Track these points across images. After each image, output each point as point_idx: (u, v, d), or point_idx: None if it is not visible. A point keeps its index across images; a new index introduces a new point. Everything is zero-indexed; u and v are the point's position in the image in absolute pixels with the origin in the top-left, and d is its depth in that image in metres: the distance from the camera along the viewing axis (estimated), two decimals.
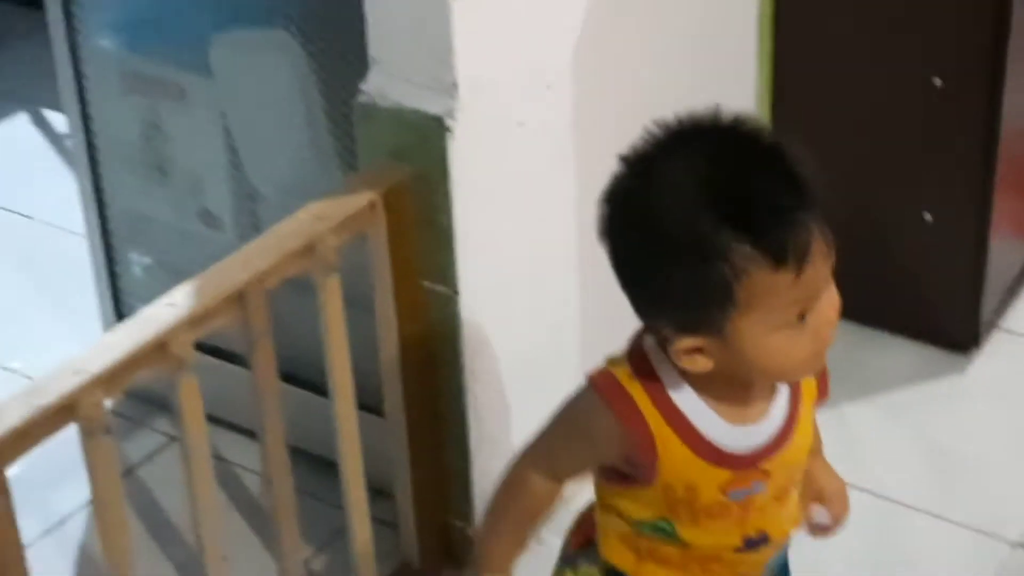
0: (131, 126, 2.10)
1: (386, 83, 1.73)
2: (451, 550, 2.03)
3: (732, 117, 1.29)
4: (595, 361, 2.12)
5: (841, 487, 1.53)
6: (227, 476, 2.17)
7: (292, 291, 1.78)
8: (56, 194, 2.58)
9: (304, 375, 2.02)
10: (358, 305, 1.86)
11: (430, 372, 1.89)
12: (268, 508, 1.82)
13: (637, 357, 1.35)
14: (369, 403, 1.95)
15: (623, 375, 1.34)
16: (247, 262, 1.66)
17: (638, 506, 1.38)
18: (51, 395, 1.49)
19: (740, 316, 1.25)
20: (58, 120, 2.95)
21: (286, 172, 2.00)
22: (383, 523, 2.07)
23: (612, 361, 1.38)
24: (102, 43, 2.07)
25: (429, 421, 1.93)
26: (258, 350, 1.69)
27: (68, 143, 2.33)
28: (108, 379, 1.53)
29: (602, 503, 1.43)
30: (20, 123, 3.08)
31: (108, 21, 2.06)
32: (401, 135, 1.74)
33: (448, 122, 1.70)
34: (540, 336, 1.99)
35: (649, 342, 1.35)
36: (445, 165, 1.72)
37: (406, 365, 1.88)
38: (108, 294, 2.28)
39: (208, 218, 2.11)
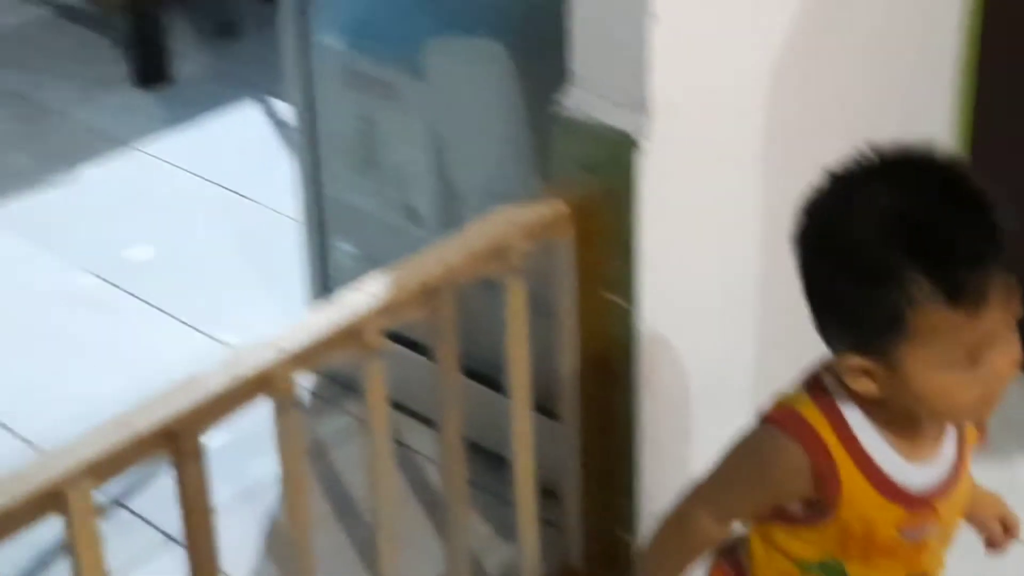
0: (348, 121, 2.22)
1: (583, 97, 1.79)
2: (614, 559, 2.07)
3: (945, 156, 1.34)
4: (770, 385, 2.15)
5: (1002, 501, 1.57)
6: (406, 461, 2.27)
7: (480, 289, 1.86)
8: (278, 179, 2.73)
9: (484, 371, 2.10)
10: (541, 310, 1.93)
11: (606, 382, 1.95)
12: (442, 496, 1.90)
13: (817, 391, 1.39)
14: (544, 405, 2.02)
15: (806, 409, 1.38)
16: (440, 258, 1.74)
17: (807, 545, 1.42)
18: (248, 367, 1.60)
19: (909, 346, 1.28)
20: (284, 109, 3.11)
21: (487, 176, 2.08)
22: (550, 524, 2.14)
23: (789, 397, 1.42)
24: (328, 40, 2.18)
25: (602, 430, 1.98)
26: (443, 344, 1.77)
27: (292, 132, 2.48)
28: (302, 357, 1.63)
29: (765, 543, 1.46)
30: (250, 110, 3.27)
31: (335, 20, 2.17)
32: (594, 149, 1.80)
33: (639, 139, 1.75)
34: (717, 355, 2.02)
35: (827, 377, 1.39)
36: (634, 181, 1.77)
37: (584, 373, 1.94)
38: (316, 278, 2.41)
39: (412, 214, 2.21)
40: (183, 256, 2.85)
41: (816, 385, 1.40)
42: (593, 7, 1.74)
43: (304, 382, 2.51)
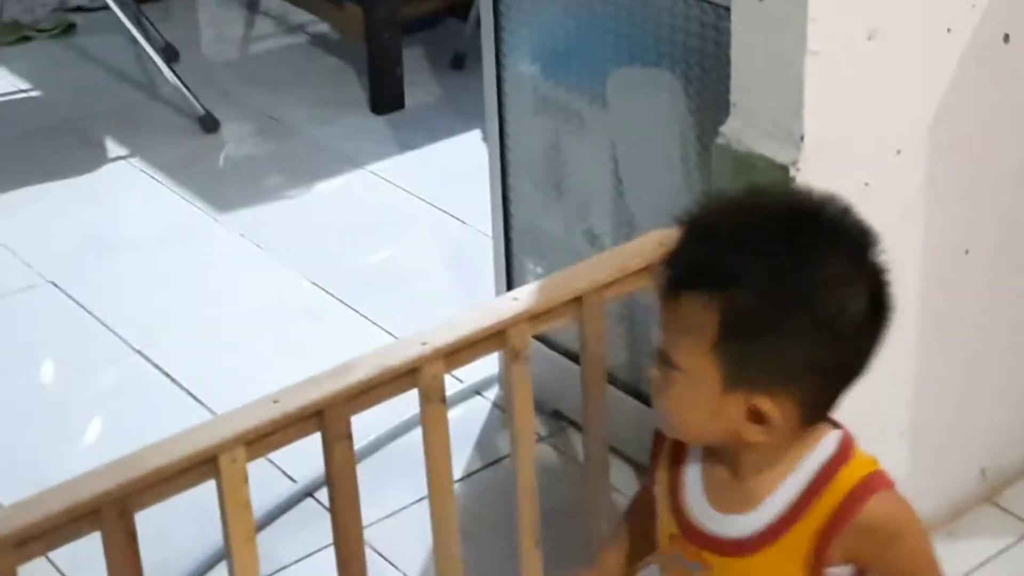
0: (536, 145, 2.33)
1: (742, 128, 1.85)
2: None
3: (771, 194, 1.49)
4: (925, 428, 2.14)
5: None
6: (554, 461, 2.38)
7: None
8: (486, 202, 2.87)
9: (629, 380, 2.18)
10: None
11: None
12: (584, 501, 1.97)
13: None
14: None
15: None
16: (589, 272, 1.82)
17: None
18: (397, 359, 1.71)
19: None
20: None
21: (660, 203, 2.15)
22: None
23: None
24: (522, 68, 2.30)
25: None
26: (590, 354, 1.85)
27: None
28: (449, 353, 1.73)
29: None
30: (471, 138, 3.44)
31: (528, 49, 2.28)
32: (749, 178, 1.85)
33: (792, 172, 1.80)
34: (869, 395, 2.02)
35: None
36: None
37: None
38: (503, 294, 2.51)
39: (591, 237, 2.30)
40: (393, 268, 3.03)
41: None
42: (753, 41, 1.80)
43: (489, 396, 2.63)
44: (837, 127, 1.81)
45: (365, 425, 1.76)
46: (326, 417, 1.67)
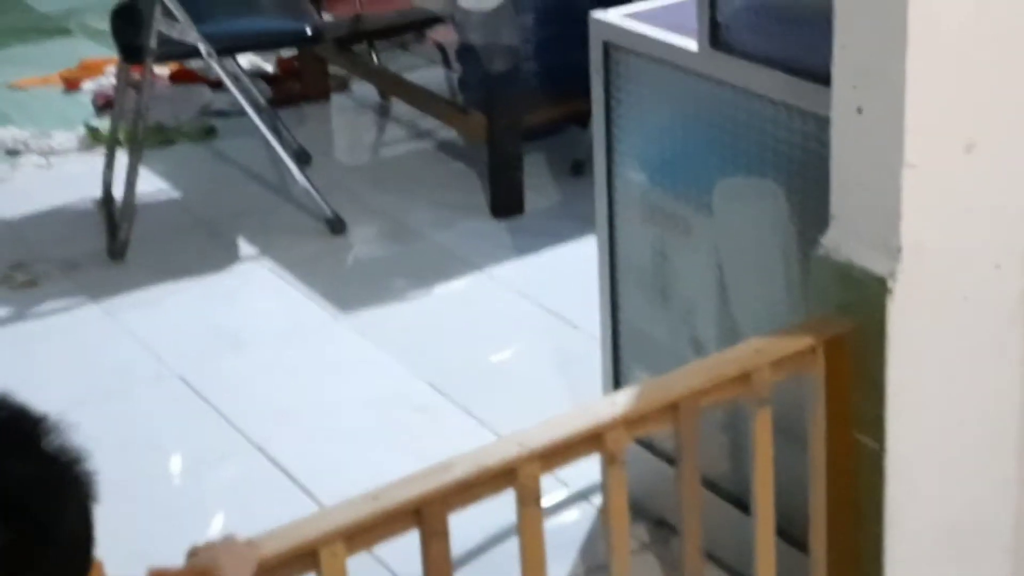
0: (644, 252, 2.37)
1: (841, 239, 1.87)
2: None
3: None
4: None
5: None
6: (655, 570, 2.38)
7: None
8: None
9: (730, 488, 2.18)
10: (792, 437, 2.00)
11: (854, 521, 1.97)
12: None
13: None
14: (792, 533, 2.07)
15: None
16: (686, 378, 1.85)
17: None
18: (494, 459, 1.75)
19: None
20: None
21: (764, 312, 2.17)
22: None
23: None
24: (631, 175, 2.35)
25: (849, 569, 2.01)
26: (685, 459, 1.86)
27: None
28: (545, 455, 1.76)
29: None
30: (588, 244, 3.47)
31: (639, 156, 2.34)
32: (847, 289, 1.87)
33: (890, 283, 1.81)
34: (969, 507, 2.01)
35: None
36: (884, 324, 1.83)
37: (831, 510, 1.97)
38: None
39: (696, 345, 2.32)
40: (506, 371, 3.09)
41: None
42: (851, 153, 1.83)
43: (595, 502, 2.65)
44: (935, 240, 1.82)
45: (469, 526, 1.78)
46: (423, 514, 1.71)
